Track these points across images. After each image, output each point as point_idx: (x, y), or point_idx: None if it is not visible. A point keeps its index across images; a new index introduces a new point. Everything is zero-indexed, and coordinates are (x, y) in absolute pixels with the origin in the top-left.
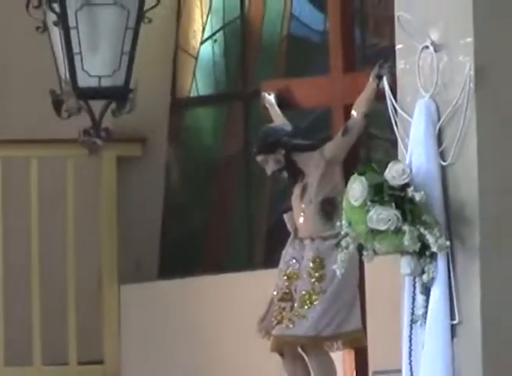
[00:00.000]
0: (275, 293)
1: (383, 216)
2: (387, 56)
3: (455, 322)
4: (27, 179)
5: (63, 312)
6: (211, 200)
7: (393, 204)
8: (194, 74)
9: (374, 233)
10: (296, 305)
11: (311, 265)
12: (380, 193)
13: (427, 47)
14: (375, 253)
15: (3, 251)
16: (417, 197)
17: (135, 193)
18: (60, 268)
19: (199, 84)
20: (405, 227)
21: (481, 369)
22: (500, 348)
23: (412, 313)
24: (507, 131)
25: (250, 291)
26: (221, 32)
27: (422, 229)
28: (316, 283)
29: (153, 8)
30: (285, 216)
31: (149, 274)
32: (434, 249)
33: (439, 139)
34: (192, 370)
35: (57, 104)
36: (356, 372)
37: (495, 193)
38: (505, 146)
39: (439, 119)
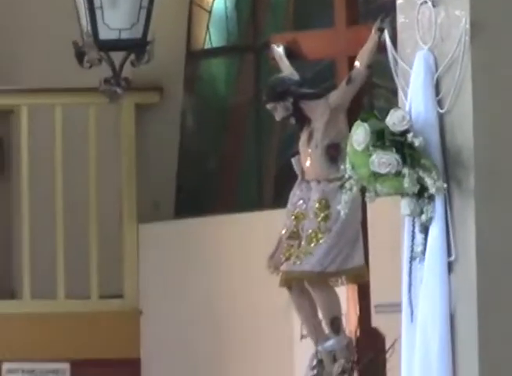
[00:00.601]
0: (283, 232)
1: (384, 160)
2: (389, 10)
3: (451, 258)
4: (51, 126)
5: (86, 250)
6: (224, 145)
7: (394, 149)
8: (208, 27)
9: (376, 175)
10: (303, 242)
11: (317, 205)
12: (381, 138)
13: (425, 2)
14: (377, 194)
15: (29, 192)
16: (416, 142)
17: (152, 138)
18: (83, 208)
19: (212, 36)
20: (405, 170)
21: (475, 302)
22: (493, 282)
23: (412, 250)
24: (500, 81)
25: (259, 229)
26: None
27: (421, 173)
28: (322, 223)
29: None
30: (293, 160)
31: (166, 214)
32: (432, 191)
33: (437, 88)
34: (206, 304)
35: (79, 55)
36: (359, 305)
37: (489, 138)
38: (498, 94)
39: (437, 70)
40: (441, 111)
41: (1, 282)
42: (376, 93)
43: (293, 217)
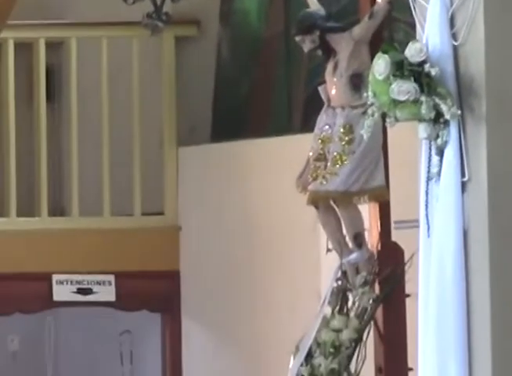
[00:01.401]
0: (310, 154)
1: (403, 88)
2: None
3: (465, 179)
4: (98, 57)
5: (129, 171)
6: (256, 74)
7: (412, 78)
8: None
9: (396, 102)
10: (328, 164)
11: (341, 130)
12: (400, 68)
13: None
14: (396, 120)
15: (77, 117)
16: (433, 72)
17: (190, 68)
18: (127, 132)
19: None
20: (423, 98)
21: (486, 218)
22: (504, 200)
23: (429, 171)
24: (511, 15)
25: (289, 152)
26: None
27: (437, 100)
28: (346, 146)
29: None
30: (319, 88)
31: (204, 138)
32: (447, 117)
33: (452, 22)
34: (241, 221)
35: None
36: (380, 222)
37: (500, 68)
38: (509, 28)
39: (452, 5)
40: (455, 43)
41: (53, 201)
42: (395, 27)
43: (319, 140)
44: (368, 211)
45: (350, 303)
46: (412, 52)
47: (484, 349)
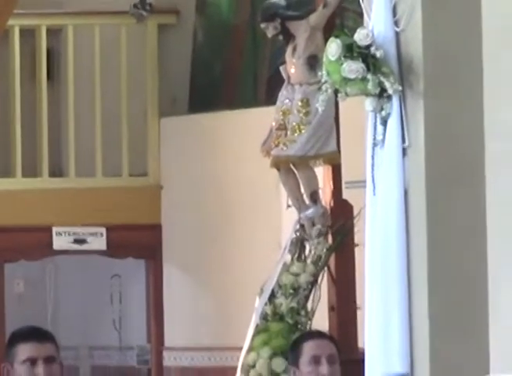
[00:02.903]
0: (273, 124)
1: (352, 68)
2: None
3: (405, 145)
4: (92, 41)
5: (119, 138)
6: (227, 56)
7: (360, 59)
8: None
9: (346, 80)
10: (288, 133)
11: (299, 103)
12: (350, 51)
13: None
14: (346, 95)
15: (74, 93)
16: (378, 53)
17: (171, 50)
18: (116, 105)
19: None
20: (369, 76)
21: (424, 179)
22: (439, 163)
23: (374, 139)
24: (445, 6)
25: (255, 123)
26: None
27: (381, 78)
28: (304, 117)
29: None
30: (281, 68)
31: (182, 110)
32: (390, 92)
33: (394, 11)
34: (215, 181)
35: None
36: (333, 182)
37: (435, 51)
38: (443, 16)
39: None
40: (397, 29)
41: (52, 164)
42: (346, 15)
43: (281, 112)
44: (322, 173)
45: (307, 251)
46: (360, 37)
47: (422, 287)
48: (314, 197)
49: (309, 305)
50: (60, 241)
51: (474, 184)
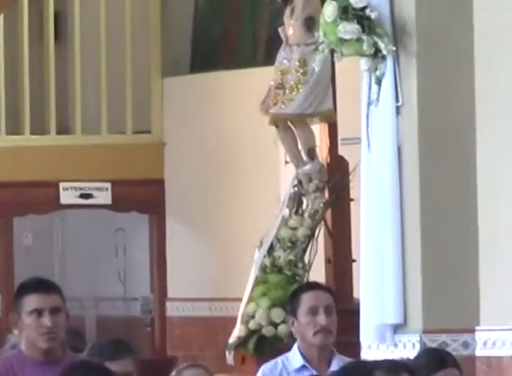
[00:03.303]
0: (272, 83)
1: (348, 29)
2: None
3: (399, 104)
4: (97, 4)
5: (124, 97)
6: (227, 17)
7: (355, 21)
8: None
9: (342, 41)
10: (287, 92)
11: (297, 63)
12: (346, 12)
13: None
14: (342, 55)
15: (80, 53)
16: (372, 15)
17: (173, 13)
18: (121, 65)
19: None
20: (364, 37)
21: (416, 137)
22: (431, 121)
23: (369, 97)
24: None
25: (255, 82)
26: None
27: (376, 38)
28: (301, 77)
29: None
30: (279, 29)
31: (184, 70)
32: (384, 52)
33: None
34: (216, 137)
35: None
36: (329, 139)
37: (427, 13)
38: None
39: None
40: None
41: (60, 122)
42: None
43: (279, 72)
44: (319, 130)
45: (304, 206)
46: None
47: (415, 241)
48: (311, 153)
49: (306, 258)
50: (67, 196)
51: (464, 140)
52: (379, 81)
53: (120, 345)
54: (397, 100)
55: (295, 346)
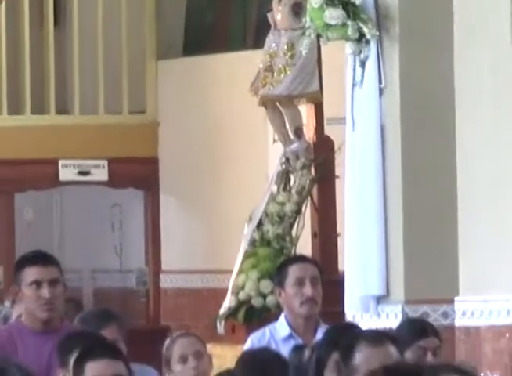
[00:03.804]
0: (261, 66)
1: (334, 15)
2: None
3: (382, 85)
4: None
5: (120, 78)
6: (219, 2)
7: (341, 7)
8: None
9: (328, 26)
10: (275, 74)
11: (285, 47)
12: None
13: None
14: (328, 39)
15: (79, 37)
16: (357, 1)
17: (166, 1)
18: (117, 48)
19: None
20: (349, 22)
21: (399, 117)
22: (412, 101)
23: (354, 79)
24: None
25: (244, 65)
26: None
27: (360, 24)
28: (289, 60)
29: None
30: (268, 15)
31: (177, 53)
32: (368, 37)
33: None
34: (208, 117)
35: None
36: (315, 119)
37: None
38: None
39: None
40: None
41: (58, 102)
42: None
43: (268, 55)
44: (306, 111)
45: (292, 182)
46: None
47: (397, 215)
48: (298, 132)
49: (294, 232)
50: (66, 173)
51: (444, 118)
52: (363, 64)
53: (105, 314)
54: (380, 82)
55: (282, 316)
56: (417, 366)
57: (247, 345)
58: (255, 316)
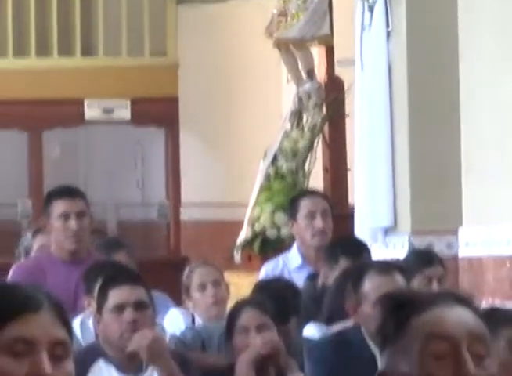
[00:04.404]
0: (275, 11)
1: None
2: None
3: (389, 29)
4: None
5: (142, 22)
6: None
7: None
8: None
9: None
10: (288, 18)
11: None
12: None
13: None
14: None
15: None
16: None
17: None
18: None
19: None
20: None
21: (405, 58)
22: (417, 45)
23: (362, 23)
24: None
25: (260, 10)
26: None
27: None
28: (301, 5)
29: None
30: None
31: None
32: None
33: None
34: (224, 61)
35: None
36: (326, 61)
37: None
38: None
39: None
40: None
41: (84, 44)
42: None
43: (282, 0)
44: (317, 53)
45: (304, 121)
46: None
47: (404, 149)
48: (310, 73)
49: (306, 167)
50: (91, 112)
51: (448, 58)
52: (371, 9)
53: (114, 242)
54: (387, 25)
55: (294, 246)
56: (414, 294)
57: (261, 275)
58: (270, 246)
